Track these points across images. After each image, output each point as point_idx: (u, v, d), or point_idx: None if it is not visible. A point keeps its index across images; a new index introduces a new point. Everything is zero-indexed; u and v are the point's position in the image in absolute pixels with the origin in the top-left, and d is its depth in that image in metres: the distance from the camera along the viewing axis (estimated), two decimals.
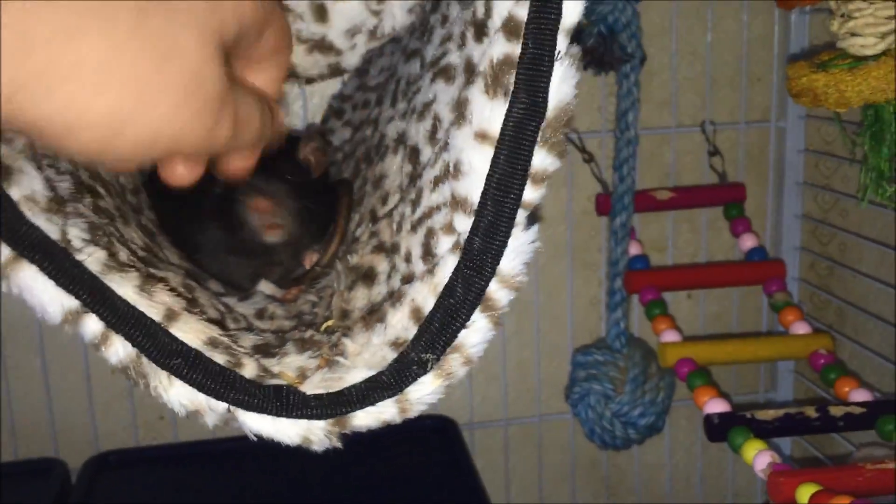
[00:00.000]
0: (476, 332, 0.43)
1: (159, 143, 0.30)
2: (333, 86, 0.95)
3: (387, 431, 0.44)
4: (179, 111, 0.30)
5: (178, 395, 0.43)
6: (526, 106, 0.40)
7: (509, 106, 0.40)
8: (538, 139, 0.40)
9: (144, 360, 0.42)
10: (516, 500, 1.28)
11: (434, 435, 1.11)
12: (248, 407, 0.42)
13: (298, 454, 0.46)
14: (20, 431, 1.12)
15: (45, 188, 0.42)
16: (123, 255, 0.46)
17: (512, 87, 0.40)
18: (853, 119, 0.92)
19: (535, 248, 0.43)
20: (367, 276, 0.54)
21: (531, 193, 0.41)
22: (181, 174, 0.36)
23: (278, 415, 0.43)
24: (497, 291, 0.42)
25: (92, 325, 0.42)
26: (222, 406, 0.43)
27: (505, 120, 0.40)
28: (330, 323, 0.54)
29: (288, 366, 0.47)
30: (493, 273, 0.42)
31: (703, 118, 1.19)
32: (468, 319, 0.42)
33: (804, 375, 1.20)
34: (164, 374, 0.42)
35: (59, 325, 0.42)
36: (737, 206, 1.14)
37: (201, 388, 0.42)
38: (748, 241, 1.11)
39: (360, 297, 0.54)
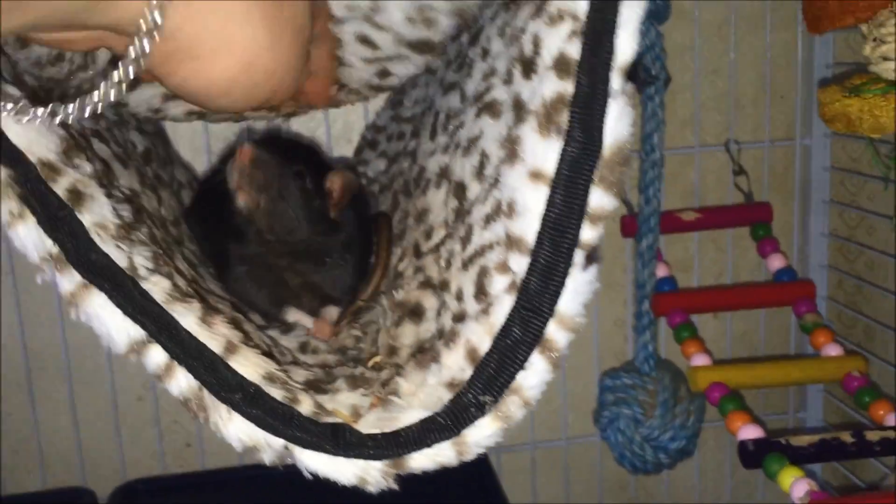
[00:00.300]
0: (534, 374, 0.42)
1: (277, 73, 0.40)
2: (356, 112, 0.94)
3: None
4: (292, 48, 0.40)
5: (237, 430, 0.42)
6: (581, 145, 0.39)
7: (564, 145, 0.39)
8: (594, 178, 0.39)
9: (206, 393, 0.41)
10: None
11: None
12: (306, 445, 0.42)
13: (325, 480, 0.45)
14: (48, 460, 1.11)
15: (114, 214, 0.42)
16: (182, 284, 0.46)
17: (566, 126, 0.39)
18: (885, 139, 0.91)
19: (593, 288, 0.42)
20: (415, 313, 0.53)
21: (588, 233, 0.40)
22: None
23: (335, 454, 0.42)
24: (555, 332, 0.41)
25: (156, 356, 0.41)
26: (280, 443, 0.42)
27: (560, 159, 0.40)
28: (377, 359, 0.53)
29: (341, 403, 0.46)
30: (550, 314, 0.41)
31: (727, 137, 1.18)
32: (526, 361, 0.41)
33: (834, 395, 1.18)
34: (223, 409, 0.42)
35: (125, 354, 0.41)
36: (764, 226, 1.12)
37: (260, 423, 0.41)
38: (776, 262, 1.10)
39: (408, 334, 0.53)
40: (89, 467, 1.12)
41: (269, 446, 0.42)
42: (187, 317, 0.42)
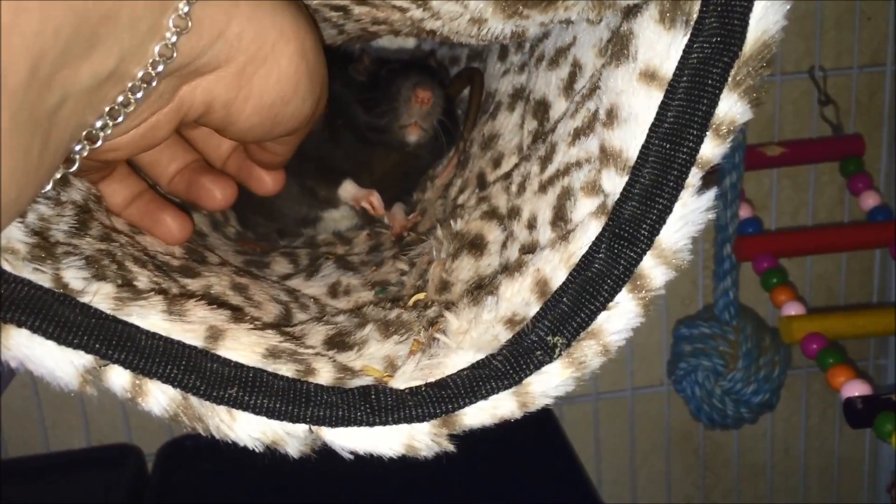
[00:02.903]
0: (620, 317, 0.33)
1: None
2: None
3: None
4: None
5: (247, 429, 0.32)
6: (716, 37, 0.30)
7: (691, 37, 0.31)
8: (728, 80, 0.31)
9: (193, 399, 0.32)
10: (607, 476, 1.17)
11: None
12: (333, 422, 0.32)
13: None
14: (92, 416, 1.02)
15: (26, 234, 0.33)
16: (144, 278, 0.37)
17: (696, 15, 0.31)
18: None
19: (708, 218, 0.32)
20: (475, 246, 0.44)
21: (711, 149, 0.32)
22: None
23: (371, 424, 0.32)
24: (652, 268, 0.32)
25: (117, 377, 0.31)
26: (301, 428, 0.32)
27: (684, 55, 0.31)
28: (421, 296, 0.43)
29: (372, 357, 0.37)
30: (649, 244, 0.32)
31: (810, 63, 1.03)
32: (611, 299, 0.32)
33: None
34: (222, 410, 0.32)
35: (79, 389, 0.31)
36: (855, 161, 0.97)
37: (270, 413, 0.32)
38: (870, 200, 0.95)
39: (466, 268, 0.43)
40: (134, 423, 1.02)
41: (289, 436, 0.32)
42: (148, 316, 0.32)
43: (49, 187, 0.31)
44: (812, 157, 0.99)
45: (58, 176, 0.31)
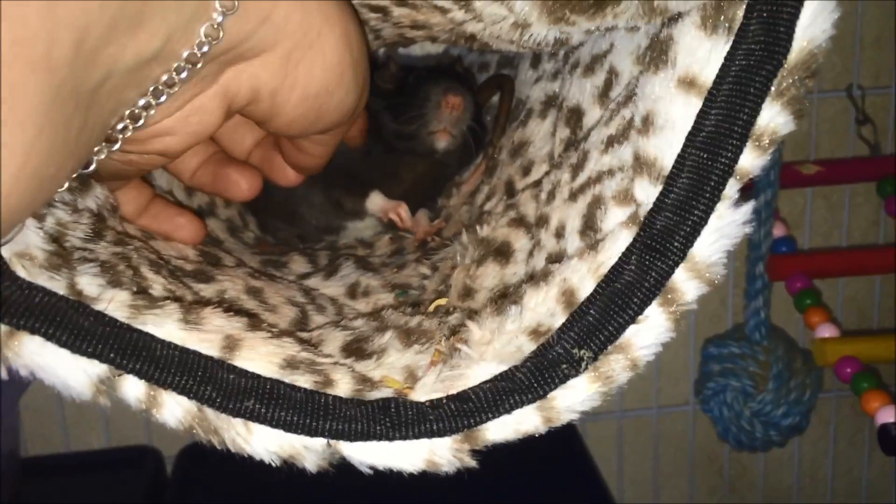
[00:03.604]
0: (649, 331, 0.31)
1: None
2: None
3: None
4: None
5: (264, 443, 0.31)
6: (760, 45, 0.29)
7: (735, 43, 0.30)
8: (771, 90, 0.29)
9: (209, 411, 0.30)
10: (629, 496, 1.14)
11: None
12: (352, 436, 0.30)
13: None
14: (112, 417, 1.01)
15: (45, 241, 0.32)
16: (158, 285, 0.35)
17: (739, 21, 0.29)
18: None
19: (744, 232, 0.31)
20: (501, 253, 0.42)
21: (751, 160, 0.30)
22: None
23: (390, 438, 0.30)
24: (685, 282, 0.31)
25: (132, 388, 0.30)
26: (319, 442, 0.31)
27: (726, 62, 0.30)
28: (443, 301, 0.42)
29: (391, 367, 0.35)
30: (682, 257, 0.30)
31: (848, 82, 1.00)
32: (640, 312, 0.31)
33: None
34: (238, 423, 0.30)
35: (93, 399, 0.30)
36: (892, 182, 0.94)
37: (288, 426, 0.30)
38: None
39: (491, 275, 0.42)
40: (155, 425, 1.01)
41: (307, 450, 0.31)
42: (164, 325, 0.31)
43: (75, 181, 0.30)
44: (848, 177, 0.96)
45: (102, 156, 0.30)
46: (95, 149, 0.30)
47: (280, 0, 0.31)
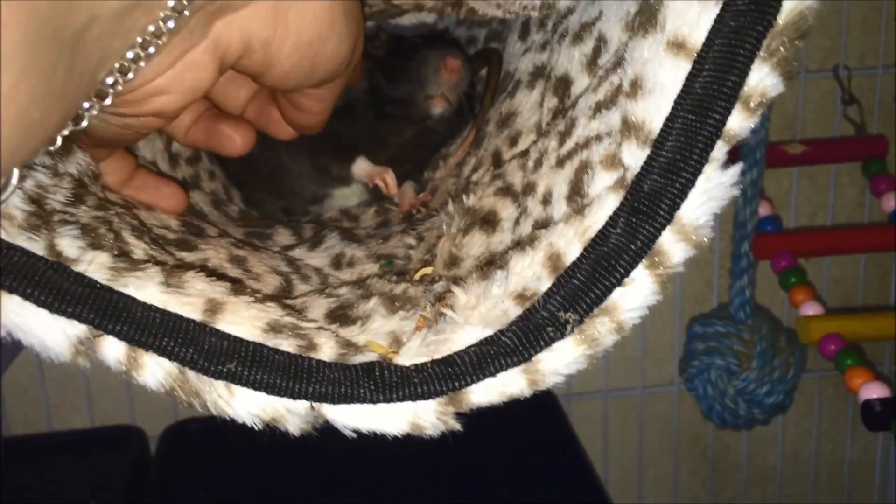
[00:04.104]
0: (636, 293, 0.31)
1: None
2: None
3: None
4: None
5: (246, 405, 0.31)
6: (750, 6, 0.29)
7: (724, 5, 0.29)
8: (761, 51, 0.29)
9: (190, 373, 0.30)
10: (614, 475, 1.14)
11: (530, 406, 0.96)
12: (335, 399, 0.30)
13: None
14: (95, 397, 1.00)
15: (24, 202, 0.31)
16: (140, 250, 0.35)
17: None
18: None
19: (732, 194, 0.31)
20: (487, 222, 0.42)
21: (739, 122, 0.30)
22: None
23: (374, 401, 0.30)
24: (672, 245, 0.30)
25: (112, 349, 0.30)
26: (303, 405, 0.31)
27: (716, 24, 0.29)
28: (428, 270, 0.42)
29: (376, 333, 0.35)
30: (669, 219, 0.30)
31: (835, 63, 1.00)
32: (627, 274, 0.30)
33: None
34: (220, 385, 0.30)
35: (72, 360, 0.30)
36: (878, 162, 0.94)
37: (270, 389, 0.30)
38: (892, 201, 0.92)
39: (477, 244, 0.42)
40: (138, 405, 1.01)
41: (290, 413, 0.31)
42: (145, 287, 0.30)
43: (66, 132, 0.29)
44: (834, 157, 0.96)
45: (94, 113, 0.30)
46: (87, 105, 0.29)
47: None
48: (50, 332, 0.29)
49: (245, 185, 0.57)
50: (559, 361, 0.31)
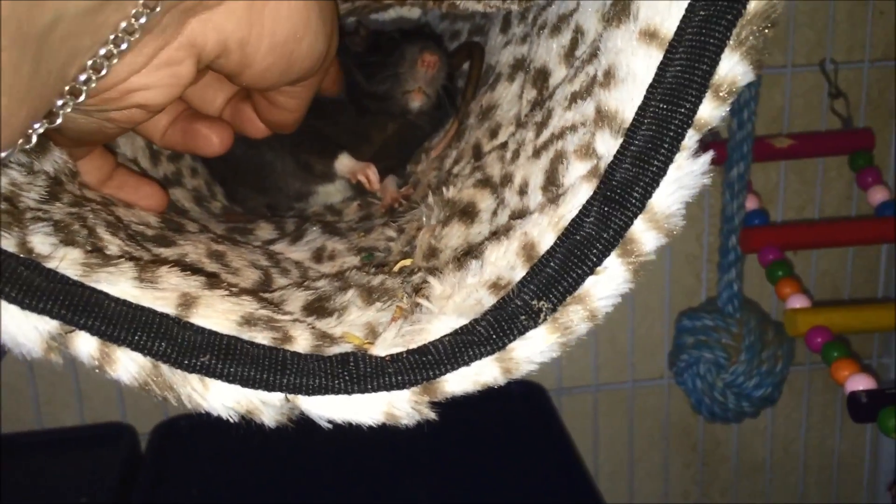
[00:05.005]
0: (608, 282, 0.31)
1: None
2: None
3: (468, 397, 0.33)
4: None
5: (220, 398, 0.30)
6: None
7: None
8: (730, 39, 0.30)
9: (164, 367, 0.30)
10: (604, 469, 1.14)
11: (520, 401, 0.97)
12: (310, 390, 0.30)
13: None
14: (86, 394, 1.00)
15: None
16: (114, 246, 0.35)
17: None
18: None
19: (703, 183, 0.31)
20: (466, 213, 0.42)
21: (710, 110, 0.30)
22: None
23: (349, 392, 0.30)
24: (643, 233, 0.31)
25: (84, 344, 0.29)
26: (277, 397, 0.31)
27: (687, 13, 0.30)
28: (408, 262, 0.42)
29: (352, 324, 0.35)
30: (641, 207, 0.30)
31: (821, 57, 1.00)
32: (599, 263, 0.31)
33: None
34: (194, 378, 0.30)
35: (45, 355, 0.29)
36: (865, 155, 0.94)
37: (244, 381, 0.30)
38: (878, 195, 0.92)
39: (455, 235, 0.42)
40: (129, 402, 1.00)
41: (265, 405, 0.31)
42: (118, 283, 0.30)
43: (40, 127, 0.29)
44: (821, 150, 0.96)
45: (68, 110, 0.29)
46: (60, 102, 0.29)
47: None
48: (21, 328, 0.29)
49: (228, 182, 0.56)
50: (532, 349, 0.31)
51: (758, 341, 0.89)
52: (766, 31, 0.30)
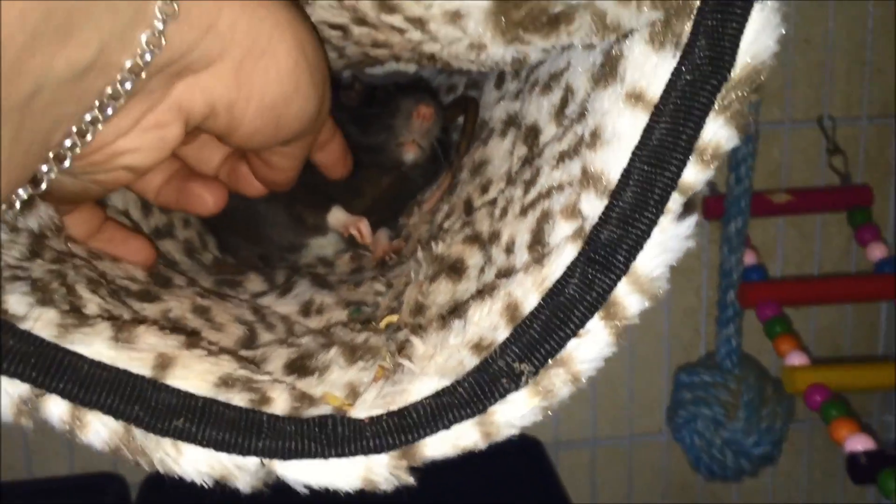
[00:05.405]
0: (591, 345, 0.31)
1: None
2: None
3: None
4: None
5: (194, 463, 0.30)
6: (705, 60, 0.29)
7: (681, 58, 0.30)
8: (715, 104, 0.30)
9: (136, 431, 0.29)
10: None
11: (517, 455, 0.95)
12: (285, 454, 0.29)
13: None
14: (77, 444, 0.98)
15: None
16: (93, 304, 0.34)
17: (686, 37, 0.30)
18: None
19: (687, 247, 0.31)
20: (454, 270, 0.42)
21: (694, 174, 0.30)
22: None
23: (325, 456, 0.30)
24: (627, 296, 0.31)
25: (55, 408, 0.29)
26: (252, 461, 0.30)
27: (673, 77, 0.30)
28: (394, 318, 0.41)
29: (333, 384, 0.35)
30: (624, 270, 0.30)
31: (819, 113, 1.00)
32: (582, 326, 0.30)
33: None
34: (167, 443, 0.29)
35: (15, 420, 0.29)
36: (863, 211, 0.94)
37: (218, 445, 0.29)
38: (877, 251, 0.92)
39: (443, 292, 0.41)
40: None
41: (240, 470, 0.30)
42: (93, 343, 0.30)
43: (24, 194, 0.28)
44: (819, 206, 0.96)
45: (52, 176, 0.29)
46: (44, 168, 0.29)
47: (224, 4, 0.30)
48: None
49: (221, 232, 0.56)
50: (513, 413, 0.30)
51: (756, 398, 0.88)
52: (752, 96, 0.30)
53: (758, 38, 0.29)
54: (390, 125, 0.51)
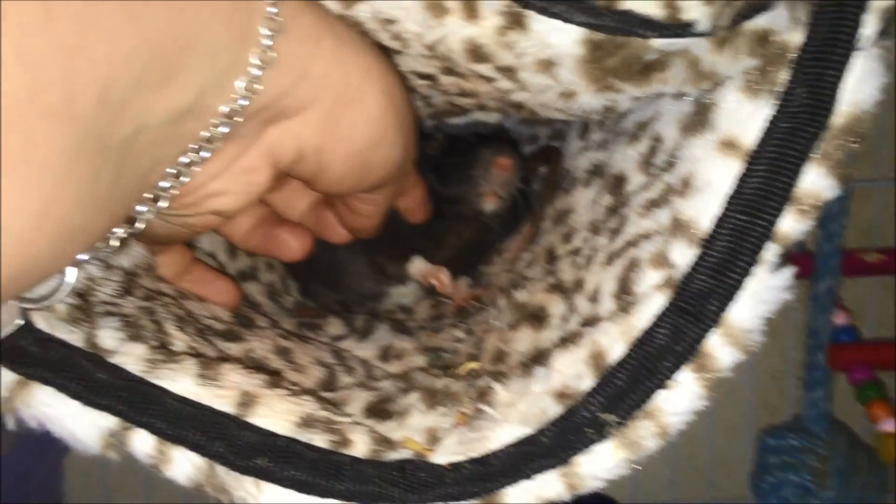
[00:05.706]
0: (680, 397, 0.30)
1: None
2: None
3: None
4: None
5: (273, 502, 0.30)
6: (803, 107, 0.29)
7: (779, 106, 0.29)
8: (814, 153, 0.29)
9: (219, 468, 0.29)
10: None
11: None
12: (364, 498, 0.29)
13: None
14: (156, 479, 1.00)
15: (70, 295, 0.32)
16: (181, 342, 0.35)
17: (783, 85, 0.29)
18: None
19: (783, 298, 0.30)
20: (536, 318, 0.41)
21: (791, 224, 0.29)
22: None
23: (404, 501, 0.29)
24: (719, 347, 0.30)
25: (142, 442, 0.30)
26: (332, 503, 0.30)
27: (769, 125, 0.29)
28: (475, 365, 0.41)
29: (413, 429, 0.34)
30: (716, 321, 0.29)
31: None
32: (671, 377, 0.30)
33: None
34: (248, 481, 0.29)
35: (103, 451, 0.30)
36: None
37: (299, 486, 0.29)
38: None
39: (525, 340, 0.41)
40: (197, 492, 1.00)
41: None
42: (179, 380, 0.30)
43: (122, 232, 0.29)
44: None
45: (149, 216, 0.30)
46: (141, 208, 0.29)
47: (318, 52, 0.30)
48: (81, 425, 0.29)
49: (303, 278, 0.57)
50: (599, 465, 0.29)
51: (848, 465, 0.84)
52: (853, 145, 0.29)
53: (860, 86, 0.29)
54: (470, 176, 0.51)
